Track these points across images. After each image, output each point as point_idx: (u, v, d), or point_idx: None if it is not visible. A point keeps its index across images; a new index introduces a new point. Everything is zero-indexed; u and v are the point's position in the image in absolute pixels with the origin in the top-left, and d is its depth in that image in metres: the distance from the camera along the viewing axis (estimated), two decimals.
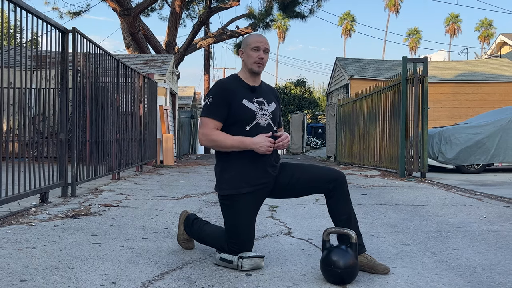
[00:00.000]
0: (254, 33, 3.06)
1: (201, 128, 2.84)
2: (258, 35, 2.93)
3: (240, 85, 2.87)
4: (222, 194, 2.84)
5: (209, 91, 2.87)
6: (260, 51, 2.85)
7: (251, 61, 2.86)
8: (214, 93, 2.82)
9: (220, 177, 2.87)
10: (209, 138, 2.79)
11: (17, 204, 4.78)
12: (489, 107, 15.85)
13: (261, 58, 2.85)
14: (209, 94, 2.84)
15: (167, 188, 6.90)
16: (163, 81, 13.94)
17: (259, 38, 2.89)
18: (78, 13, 21.96)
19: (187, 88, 35.75)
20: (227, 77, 2.96)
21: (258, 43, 2.85)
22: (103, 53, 7.12)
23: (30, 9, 4.60)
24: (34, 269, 2.67)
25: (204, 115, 2.83)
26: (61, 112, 5.55)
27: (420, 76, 8.95)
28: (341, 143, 14.93)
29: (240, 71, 2.97)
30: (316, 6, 20.75)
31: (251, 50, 2.85)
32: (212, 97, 2.81)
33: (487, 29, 59.70)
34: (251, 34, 2.99)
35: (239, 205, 2.79)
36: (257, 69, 2.86)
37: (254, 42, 2.86)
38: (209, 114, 2.81)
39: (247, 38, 2.94)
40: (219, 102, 2.79)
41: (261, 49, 2.85)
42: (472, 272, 2.77)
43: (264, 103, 2.89)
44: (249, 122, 2.82)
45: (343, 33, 65.12)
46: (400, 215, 4.73)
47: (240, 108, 2.80)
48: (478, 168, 10.40)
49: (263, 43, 2.86)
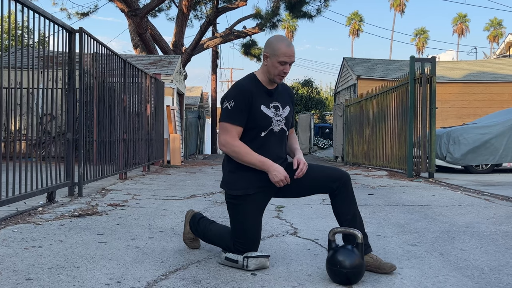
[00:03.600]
0: (284, 40, 2.77)
1: (223, 135, 2.75)
2: (288, 45, 2.74)
3: (259, 89, 2.80)
4: (229, 193, 2.82)
5: (229, 94, 2.77)
6: (287, 65, 2.75)
7: (274, 72, 2.77)
8: (235, 97, 2.73)
9: (228, 176, 2.85)
10: (232, 148, 2.72)
11: (24, 203, 4.80)
12: (497, 107, 15.74)
13: (286, 72, 2.78)
14: (229, 98, 2.74)
15: (174, 188, 6.90)
16: (170, 81, 13.96)
17: (288, 50, 2.73)
18: (86, 14, 22.08)
19: (194, 89, 35.81)
20: (245, 79, 2.85)
21: (287, 57, 2.73)
22: (110, 53, 7.14)
23: (37, 9, 4.62)
24: (40, 268, 2.67)
25: (226, 121, 2.74)
26: (68, 112, 5.57)
27: (428, 76, 8.89)
28: (348, 144, 14.88)
29: (259, 71, 2.87)
30: (324, 6, 20.73)
31: (277, 62, 2.74)
32: (233, 101, 2.72)
33: (496, 28, 59.35)
34: (281, 40, 2.77)
35: (246, 205, 2.78)
36: (278, 81, 2.82)
37: (283, 55, 2.72)
38: (231, 119, 2.73)
39: (276, 45, 2.75)
40: (240, 107, 2.72)
41: (288, 63, 2.75)
42: (480, 273, 2.74)
43: (279, 108, 2.85)
44: (265, 128, 2.79)
45: (350, 33, 64.97)
46: (407, 215, 4.70)
47: (258, 114, 2.76)
48: (487, 169, 10.33)
49: (291, 57, 2.74)
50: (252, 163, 2.72)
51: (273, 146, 2.83)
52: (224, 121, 2.75)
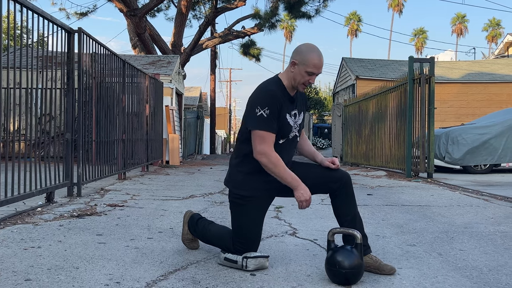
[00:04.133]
0: (316, 50, 2.71)
1: (261, 144, 2.65)
2: (319, 56, 2.70)
3: (284, 96, 2.75)
4: (236, 193, 2.80)
5: (262, 101, 2.67)
6: (313, 76, 2.72)
7: (299, 81, 2.73)
8: (270, 105, 2.65)
9: (237, 176, 2.83)
10: (270, 159, 2.65)
11: (23, 203, 4.79)
12: (496, 107, 15.75)
13: (311, 83, 2.76)
14: (264, 105, 2.65)
15: (173, 188, 6.90)
16: (169, 81, 13.96)
17: (319, 62, 2.70)
18: (85, 14, 22.06)
19: (193, 89, 35.78)
20: (273, 84, 2.76)
21: (316, 69, 2.69)
22: (109, 53, 7.14)
23: (36, 9, 4.62)
24: (39, 268, 2.67)
25: (263, 129, 2.65)
26: (67, 112, 5.57)
27: (426, 76, 8.90)
28: (347, 144, 14.89)
29: (284, 76, 2.79)
30: (322, 6, 20.73)
31: (305, 72, 2.69)
32: (268, 108, 2.64)
33: (495, 29, 59.40)
34: (312, 50, 2.71)
35: (251, 205, 2.78)
36: (301, 90, 2.80)
37: (313, 67, 2.68)
38: (268, 127, 2.66)
39: (308, 54, 2.69)
40: (275, 114, 2.67)
41: (315, 74, 2.72)
42: (478, 273, 2.74)
43: (297, 115, 2.84)
44: (284, 136, 2.78)
45: (349, 33, 64.98)
46: (406, 215, 4.70)
47: (282, 123, 2.74)
48: (485, 169, 10.34)
49: (319, 69, 2.70)
50: (284, 178, 2.67)
51: (286, 152, 2.83)
52: (261, 129, 2.66)
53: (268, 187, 2.82)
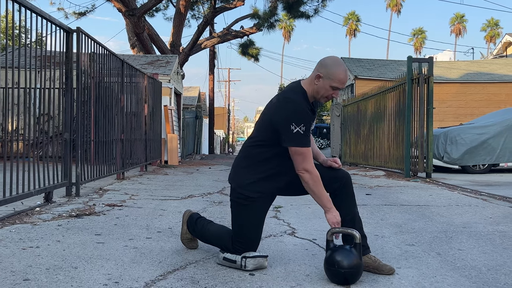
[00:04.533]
0: (342, 65, 2.71)
1: (304, 162, 2.65)
2: (345, 72, 2.70)
3: (309, 109, 2.73)
4: (242, 193, 2.78)
5: (297, 118, 2.63)
6: (337, 91, 2.72)
7: (323, 94, 2.72)
8: (305, 121, 2.64)
9: (244, 176, 2.80)
10: (313, 177, 2.65)
11: (21, 203, 4.78)
12: (495, 107, 15.77)
13: (333, 97, 2.76)
14: (299, 122, 2.62)
15: (172, 188, 6.89)
16: (167, 81, 13.95)
17: (345, 78, 2.69)
18: (83, 14, 22.02)
19: (192, 88, 35.76)
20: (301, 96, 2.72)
21: (341, 84, 2.69)
22: (108, 53, 7.13)
23: (34, 9, 4.61)
24: (37, 268, 2.67)
25: (303, 146, 2.64)
26: (66, 112, 5.56)
27: (425, 76, 8.90)
28: (346, 144, 14.89)
29: (307, 86, 2.76)
30: (321, 6, 20.72)
31: (330, 86, 2.69)
32: (304, 125, 2.62)
33: (493, 29, 59.45)
34: (339, 65, 2.70)
35: (255, 206, 2.78)
36: (323, 102, 2.81)
37: (338, 82, 2.68)
38: (306, 144, 2.65)
39: (334, 69, 2.68)
40: (308, 129, 2.67)
41: (339, 89, 2.72)
42: (477, 273, 2.75)
43: (312, 124, 2.83)
44: None
45: (348, 33, 64.99)
46: (405, 215, 4.70)
47: None
48: (484, 169, 10.35)
49: (344, 84, 2.71)
50: (321, 197, 2.67)
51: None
52: (301, 146, 2.64)
53: (274, 191, 2.84)
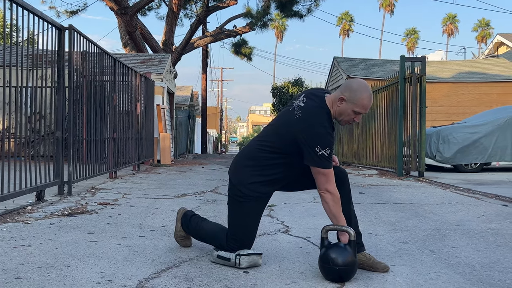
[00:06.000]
0: (368, 91, 2.67)
1: (327, 184, 2.63)
2: (370, 97, 2.66)
3: (332, 129, 2.68)
4: (239, 189, 2.76)
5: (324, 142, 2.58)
6: (359, 115, 2.70)
7: (345, 118, 2.70)
8: (330, 144, 2.60)
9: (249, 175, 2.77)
10: (334, 199, 2.63)
11: (13, 202, 4.74)
12: (486, 106, 15.85)
13: (355, 121, 2.73)
14: (325, 145, 2.58)
15: (164, 187, 6.87)
16: (160, 80, 13.90)
17: (369, 103, 2.66)
18: (75, 12, 21.90)
19: (185, 88, 35.68)
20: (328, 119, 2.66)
21: (364, 110, 2.66)
22: (100, 51, 7.09)
23: (26, 5, 4.57)
24: (29, 266, 2.64)
25: (326, 167, 2.61)
26: (58, 110, 5.52)
27: (418, 75, 8.93)
28: (338, 143, 14.91)
29: (330, 105, 2.71)
30: (314, 5, 20.73)
31: (352, 110, 2.66)
32: (329, 148, 2.59)
33: (484, 29, 59.76)
34: (365, 90, 2.66)
35: (251, 204, 2.77)
36: (342, 125, 2.78)
37: (362, 107, 2.65)
38: (330, 165, 2.62)
39: (359, 94, 2.64)
40: (332, 150, 2.64)
41: (362, 114, 2.70)
42: (471, 270, 2.75)
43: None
44: None
45: (341, 33, 65.10)
46: (398, 213, 4.71)
47: None
48: (476, 168, 10.40)
49: (367, 110, 2.68)
50: (339, 218, 2.63)
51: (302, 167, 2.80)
52: (325, 168, 2.61)
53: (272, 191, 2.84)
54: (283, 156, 2.73)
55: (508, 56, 22.50)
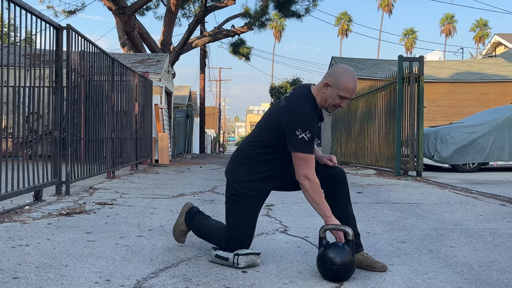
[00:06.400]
0: (352, 75, 2.68)
1: (305, 168, 2.62)
2: (355, 81, 2.67)
3: (316, 116, 2.70)
4: (235, 188, 2.78)
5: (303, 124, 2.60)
6: (345, 100, 2.69)
7: (330, 103, 2.69)
8: (311, 129, 2.61)
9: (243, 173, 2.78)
10: (312, 185, 2.61)
11: (11, 202, 4.73)
12: (484, 106, 15.89)
13: (341, 106, 2.72)
14: (305, 128, 2.60)
15: (163, 187, 6.86)
16: (158, 80, 13.89)
17: (354, 88, 2.66)
18: (73, 12, 21.87)
19: (183, 88, 35.65)
20: (309, 104, 2.69)
21: (350, 94, 2.65)
22: (98, 51, 7.08)
23: (24, 5, 4.56)
24: (27, 266, 2.63)
25: (306, 152, 2.61)
26: (56, 110, 5.51)
27: (416, 75, 8.93)
28: (336, 143, 14.92)
29: (316, 93, 2.73)
30: (312, 5, 20.74)
31: (338, 95, 2.66)
32: (309, 132, 2.60)
33: (482, 29, 59.83)
34: (349, 75, 2.67)
35: (247, 203, 2.78)
36: (330, 112, 2.76)
37: (347, 91, 2.64)
38: (310, 151, 2.62)
39: (343, 78, 2.65)
40: (314, 136, 2.64)
41: (348, 99, 2.69)
42: (469, 269, 2.75)
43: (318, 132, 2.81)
44: None
45: (339, 33, 65.12)
46: (396, 213, 4.72)
47: None
48: (474, 167, 10.41)
49: (353, 94, 2.67)
50: (320, 206, 2.63)
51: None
52: (304, 152, 2.61)
53: (269, 190, 2.84)
54: (273, 150, 2.74)
55: (506, 56, 22.55)
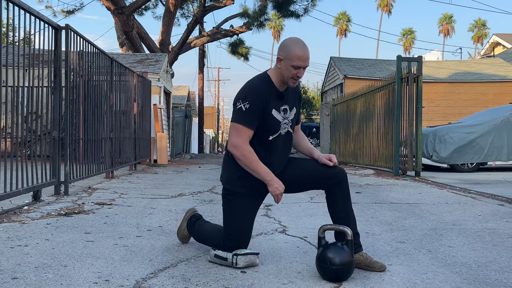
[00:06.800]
0: (298, 43, 2.70)
1: (235, 136, 2.67)
2: (303, 49, 2.67)
3: (272, 91, 2.73)
4: (227, 187, 2.82)
5: (244, 95, 2.68)
6: (301, 69, 2.69)
7: (288, 76, 2.70)
8: (251, 100, 2.65)
9: (228, 171, 2.83)
10: (242, 152, 2.65)
11: (10, 202, 4.72)
12: (482, 106, 15.90)
13: (299, 76, 2.73)
14: (245, 99, 2.66)
15: (161, 187, 6.86)
16: (157, 79, 13.88)
17: (303, 54, 2.66)
18: (72, 12, 21.84)
19: (181, 87, 35.65)
20: (260, 80, 2.76)
21: (301, 61, 2.66)
22: (97, 51, 7.07)
23: (22, 5, 4.56)
24: (26, 266, 2.63)
25: (240, 122, 2.66)
26: (54, 110, 5.50)
27: (414, 75, 8.94)
28: (335, 143, 14.93)
29: (272, 72, 2.78)
30: (311, 5, 20.72)
31: (291, 66, 2.67)
32: (249, 103, 2.64)
33: (480, 29, 59.89)
34: (295, 43, 2.68)
35: (240, 201, 2.79)
36: (292, 85, 2.76)
37: (298, 59, 2.65)
38: (245, 122, 2.66)
39: (291, 48, 2.67)
40: (255, 110, 2.66)
41: (302, 67, 2.70)
42: (467, 269, 2.76)
43: (287, 111, 2.81)
44: (273, 132, 2.76)
45: (338, 33, 65.13)
46: (395, 213, 4.72)
47: (269, 118, 2.72)
48: (472, 167, 10.42)
49: (305, 61, 2.68)
50: (256, 172, 2.67)
51: (279, 149, 2.81)
52: (238, 122, 2.67)
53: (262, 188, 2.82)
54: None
55: (504, 56, 22.58)
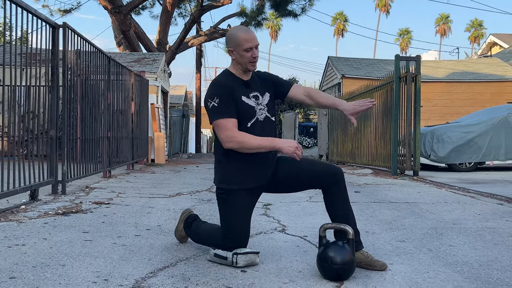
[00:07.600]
0: (240, 28, 2.81)
1: (222, 132, 2.69)
2: (246, 31, 2.77)
3: (236, 82, 2.79)
4: (219, 187, 2.83)
5: (211, 93, 2.73)
6: (253, 50, 2.75)
7: (245, 61, 2.76)
8: (218, 93, 2.71)
9: (218, 170, 2.86)
10: (235, 140, 2.66)
11: (7, 201, 4.69)
12: (480, 106, 15.90)
13: (255, 57, 2.77)
14: (213, 96, 2.71)
15: (159, 186, 6.83)
16: (154, 79, 13.84)
17: (248, 36, 2.73)
18: (69, 11, 21.77)
19: (179, 87, 35.57)
20: (221, 75, 2.85)
21: (249, 42, 2.72)
22: (95, 49, 7.04)
23: (20, 3, 4.52)
24: (24, 266, 2.60)
25: (218, 118, 2.69)
26: (52, 109, 5.47)
27: (413, 75, 8.93)
28: (333, 142, 14.92)
29: (231, 66, 2.86)
30: (308, 5, 20.73)
31: (243, 51, 2.73)
32: (217, 97, 2.69)
33: (477, 29, 60.00)
34: (237, 30, 2.80)
35: (233, 200, 2.77)
36: (252, 68, 2.80)
37: (245, 42, 2.72)
38: (222, 115, 2.69)
39: (235, 36, 2.75)
40: (226, 100, 2.70)
41: (253, 48, 2.74)
42: (469, 268, 2.74)
43: (259, 97, 2.84)
44: (250, 118, 2.77)
45: (335, 33, 65.13)
46: (394, 212, 4.71)
47: (241, 105, 2.75)
48: (470, 167, 10.42)
49: (253, 41, 2.74)
50: (261, 146, 2.66)
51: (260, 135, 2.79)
52: (216, 119, 2.70)
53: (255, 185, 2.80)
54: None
55: (501, 56, 22.61)
